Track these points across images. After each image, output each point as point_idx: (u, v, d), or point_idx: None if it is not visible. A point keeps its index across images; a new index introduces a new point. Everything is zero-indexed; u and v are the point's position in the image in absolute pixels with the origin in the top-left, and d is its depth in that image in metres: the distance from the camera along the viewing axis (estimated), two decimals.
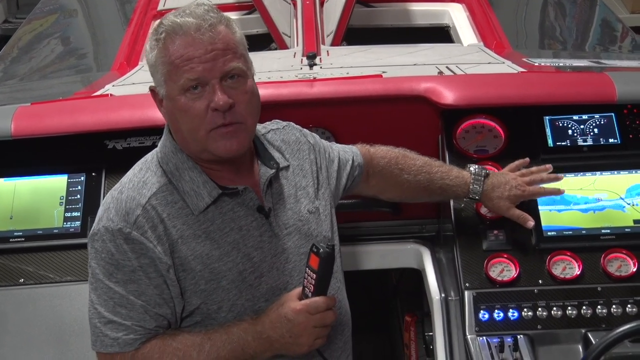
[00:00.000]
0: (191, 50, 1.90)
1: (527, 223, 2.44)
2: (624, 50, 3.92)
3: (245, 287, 2.01)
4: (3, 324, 2.49)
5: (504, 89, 2.75)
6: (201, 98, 1.91)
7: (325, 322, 1.97)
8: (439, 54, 3.25)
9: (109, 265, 1.94)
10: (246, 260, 2.00)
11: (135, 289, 1.94)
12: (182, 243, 1.95)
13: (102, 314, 1.95)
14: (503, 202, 2.45)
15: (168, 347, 1.96)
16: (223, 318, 2.00)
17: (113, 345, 1.95)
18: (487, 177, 2.46)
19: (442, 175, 2.46)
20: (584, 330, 2.41)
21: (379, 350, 3.73)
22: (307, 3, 3.74)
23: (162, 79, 1.94)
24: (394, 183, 2.45)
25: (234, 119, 1.93)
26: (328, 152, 2.30)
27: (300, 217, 2.11)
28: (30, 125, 2.64)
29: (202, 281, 1.97)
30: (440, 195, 2.51)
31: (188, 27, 1.91)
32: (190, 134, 1.95)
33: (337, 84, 2.75)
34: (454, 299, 2.54)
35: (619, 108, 2.72)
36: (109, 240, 1.93)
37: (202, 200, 1.98)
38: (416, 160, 2.47)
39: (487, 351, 2.35)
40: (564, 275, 2.48)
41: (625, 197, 2.60)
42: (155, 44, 1.94)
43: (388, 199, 2.55)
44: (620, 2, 6.36)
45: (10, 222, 2.62)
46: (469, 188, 2.46)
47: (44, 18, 4.43)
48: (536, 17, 4.19)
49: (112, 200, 1.98)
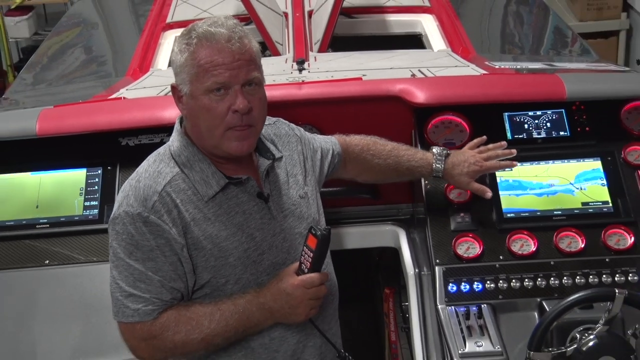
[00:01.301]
0: (220, 57, 1.90)
1: (485, 194, 2.43)
2: (573, 54, 3.89)
3: (249, 263, 2.00)
4: (32, 301, 2.46)
5: (469, 89, 2.73)
6: (223, 100, 1.92)
7: (318, 295, 2.00)
8: (412, 59, 3.22)
9: (129, 245, 1.93)
10: (250, 240, 2.00)
11: (153, 266, 1.93)
12: (194, 225, 1.95)
13: (124, 288, 1.94)
14: (463, 178, 2.44)
15: (183, 317, 1.95)
16: (230, 290, 2.00)
17: (134, 315, 1.94)
18: (447, 157, 2.45)
19: (408, 157, 2.46)
20: (539, 299, 2.40)
21: (362, 318, 3.73)
22: (297, 15, 3.71)
23: (188, 79, 1.93)
24: (367, 167, 2.45)
25: (249, 121, 1.94)
26: (312, 143, 2.29)
27: (293, 201, 2.11)
28: (53, 125, 2.60)
29: (212, 258, 1.97)
30: (408, 176, 2.51)
31: (220, 36, 1.91)
32: (208, 131, 1.95)
33: (322, 86, 2.73)
34: (427, 273, 2.53)
35: (569, 105, 2.70)
36: (129, 223, 1.92)
37: (211, 188, 1.98)
38: (386, 145, 2.46)
39: (455, 319, 2.34)
40: (522, 252, 2.46)
41: (574, 183, 2.59)
42: (185, 48, 1.93)
43: (363, 181, 2.53)
44: (570, 12, 6.33)
45: (36, 210, 2.59)
46: (432, 167, 2.44)
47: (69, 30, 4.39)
48: (498, 26, 4.16)
49: (130, 188, 1.97)
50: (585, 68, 3.25)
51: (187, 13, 3.84)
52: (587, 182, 2.58)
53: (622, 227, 2.49)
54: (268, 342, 2.05)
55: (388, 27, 3.84)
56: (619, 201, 2.53)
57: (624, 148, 2.62)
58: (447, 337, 2.29)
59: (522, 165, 2.59)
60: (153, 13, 3.99)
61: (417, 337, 2.43)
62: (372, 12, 3.87)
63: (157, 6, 4.07)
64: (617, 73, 3.10)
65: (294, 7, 3.79)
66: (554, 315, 2.14)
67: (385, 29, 3.84)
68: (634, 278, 2.41)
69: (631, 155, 2.61)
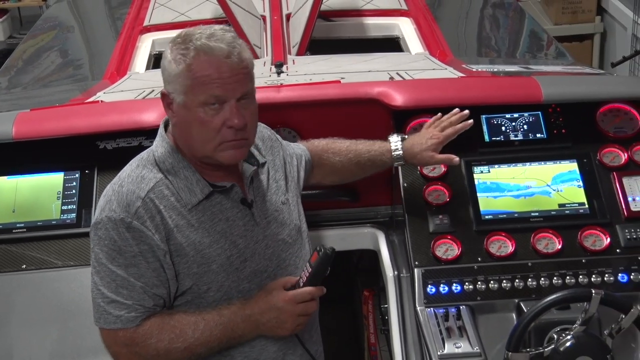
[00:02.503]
0: (218, 73, 1.88)
1: (452, 161, 2.41)
2: (549, 57, 3.94)
3: (231, 270, 1.99)
4: (8, 306, 2.44)
5: (446, 91, 2.74)
6: (218, 114, 1.90)
7: (308, 311, 2.00)
8: (390, 62, 3.23)
9: (111, 251, 1.92)
10: (233, 247, 1.99)
11: (135, 272, 1.92)
12: (177, 232, 1.94)
13: (106, 294, 1.92)
14: (426, 154, 2.41)
15: (166, 325, 1.94)
16: (211, 297, 1.99)
17: (116, 322, 1.93)
18: (404, 140, 2.44)
19: (367, 149, 2.44)
20: (517, 300, 2.41)
21: (341, 320, 3.72)
22: (275, 18, 3.71)
23: (181, 90, 1.90)
24: (331, 167, 2.43)
25: (243, 136, 1.94)
26: (288, 150, 2.29)
27: (276, 207, 2.10)
28: (29, 129, 2.58)
29: (194, 265, 1.96)
30: (372, 167, 2.47)
31: (220, 52, 1.88)
32: (201, 143, 1.93)
33: (301, 89, 2.73)
34: (405, 275, 2.53)
35: (545, 107, 2.72)
36: (112, 229, 1.91)
37: (196, 196, 1.97)
38: (343, 143, 2.46)
39: (434, 320, 2.34)
40: (500, 253, 2.48)
41: (551, 184, 2.61)
42: (181, 59, 1.89)
43: (330, 182, 2.50)
44: (545, 15, 6.39)
45: (13, 215, 2.56)
46: (392, 153, 2.43)
47: (45, 33, 4.36)
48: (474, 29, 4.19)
49: (113, 193, 1.95)
50: (561, 71, 3.28)
51: (165, 16, 3.83)
52: (564, 184, 2.60)
53: (598, 228, 2.51)
54: (248, 350, 2.03)
55: (366, 31, 3.85)
56: (595, 202, 2.56)
57: (599, 150, 2.65)
58: (426, 338, 2.30)
59: (499, 167, 2.61)
60: (130, 16, 3.98)
61: (396, 339, 2.43)
62: (350, 15, 3.88)
63: (134, 9, 4.05)
64: (592, 76, 3.14)
65: (272, 10, 3.80)
66: (531, 316, 2.16)
67: (363, 32, 3.85)
68: (610, 278, 2.43)
69: (606, 157, 2.64)
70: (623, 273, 2.44)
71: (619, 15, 5.91)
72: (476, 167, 2.63)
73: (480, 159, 2.64)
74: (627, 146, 2.65)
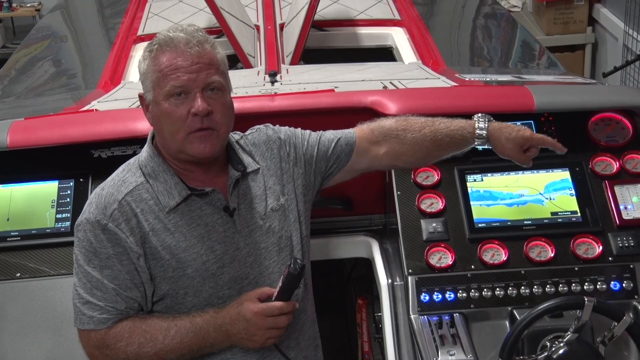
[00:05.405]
0: (179, 61, 1.92)
1: (557, 146, 2.25)
2: (541, 67, 3.96)
3: (208, 276, 1.99)
4: (2, 315, 2.43)
5: (439, 100, 2.75)
6: (183, 104, 1.92)
7: (277, 325, 1.97)
8: (383, 71, 3.25)
9: (88, 253, 1.95)
10: (210, 252, 1.99)
11: (109, 274, 1.94)
12: (152, 235, 1.95)
13: (82, 295, 1.96)
14: (510, 144, 2.22)
15: (137, 329, 1.96)
16: (190, 303, 2.00)
17: (89, 323, 1.95)
18: (491, 121, 2.25)
19: (445, 125, 2.24)
20: (510, 308, 2.43)
21: (335, 329, 3.72)
22: (269, 28, 3.74)
23: (151, 86, 1.95)
24: (401, 145, 2.23)
25: (210, 124, 1.94)
26: (303, 145, 2.19)
27: (262, 215, 2.08)
28: (24, 137, 2.58)
29: (169, 269, 1.97)
30: (449, 144, 2.24)
31: (179, 40, 1.93)
32: (170, 136, 1.96)
33: (295, 98, 2.74)
34: (399, 283, 2.54)
35: (537, 116, 2.74)
36: (89, 231, 1.94)
37: (173, 199, 1.98)
38: (418, 119, 2.27)
39: (428, 328, 2.36)
40: (493, 261, 2.49)
41: (543, 193, 2.62)
42: (147, 55, 1.96)
43: (404, 163, 2.30)
44: (537, 25, 6.43)
45: (7, 223, 2.56)
46: (475, 128, 2.21)
47: (38, 43, 4.37)
48: (467, 39, 4.21)
49: (95, 196, 1.99)
50: (553, 80, 3.30)
51: (159, 26, 3.84)
52: (556, 192, 2.62)
53: (591, 236, 2.53)
54: (230, 357, 2.03)
55: (359, 40, 3.87)
56: (587, 211, 2.58)
57: (591, 159, 2.67)
58: (420, 346, 2.31)
59: (492, 176, 2.63)
60: (124, 26, 3.99)
61: (390, 347, 2.44)
62: (344, 25, 3.90)
63: (128, 19, 4.06)
64: (584, 85, 3.15)
65: (266, 20, 3.82)
66: (524, 324, 2.16)
67: (356, 42, 3.87)
68: (602, 286, 2.45)
69: (598, 165, 2.66)
70: (615, 281, 2.46)
71: (610, 25, 5.95)
72: (469, 175, 2.64)
73: (473, 167, 2.66)
74: (619, 155, 2.68)
